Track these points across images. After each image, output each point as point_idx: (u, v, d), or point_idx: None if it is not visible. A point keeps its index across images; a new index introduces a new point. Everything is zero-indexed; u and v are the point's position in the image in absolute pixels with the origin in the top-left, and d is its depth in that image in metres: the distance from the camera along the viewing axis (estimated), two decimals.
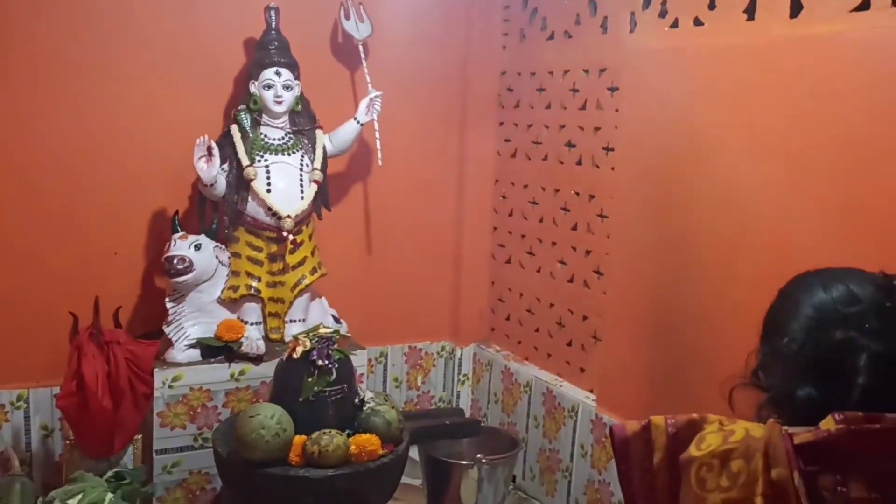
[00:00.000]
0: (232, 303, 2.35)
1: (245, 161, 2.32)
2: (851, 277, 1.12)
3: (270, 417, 1.83)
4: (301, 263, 2.41)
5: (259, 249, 2.36)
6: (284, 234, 2.33)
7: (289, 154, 2.38)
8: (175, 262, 2.19)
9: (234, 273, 2.35)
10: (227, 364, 2.25)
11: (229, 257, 2.36)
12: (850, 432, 0.93)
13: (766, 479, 0.95)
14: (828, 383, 1.01)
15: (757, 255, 1.79)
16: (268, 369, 2.19)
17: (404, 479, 2.07)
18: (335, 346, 1.96)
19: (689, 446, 1.05)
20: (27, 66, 2.27)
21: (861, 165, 1.57)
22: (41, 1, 2.26)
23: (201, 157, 2.24)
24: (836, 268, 1.17)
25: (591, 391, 2.42)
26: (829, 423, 0.95)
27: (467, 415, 2.94)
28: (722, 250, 1.89)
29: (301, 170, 2.39)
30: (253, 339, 2.28)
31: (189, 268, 2.21)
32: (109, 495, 1.99)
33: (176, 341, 2.23)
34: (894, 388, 0.98)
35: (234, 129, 2.35)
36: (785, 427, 0.98)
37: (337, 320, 2.53)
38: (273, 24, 2.40)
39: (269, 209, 2.32)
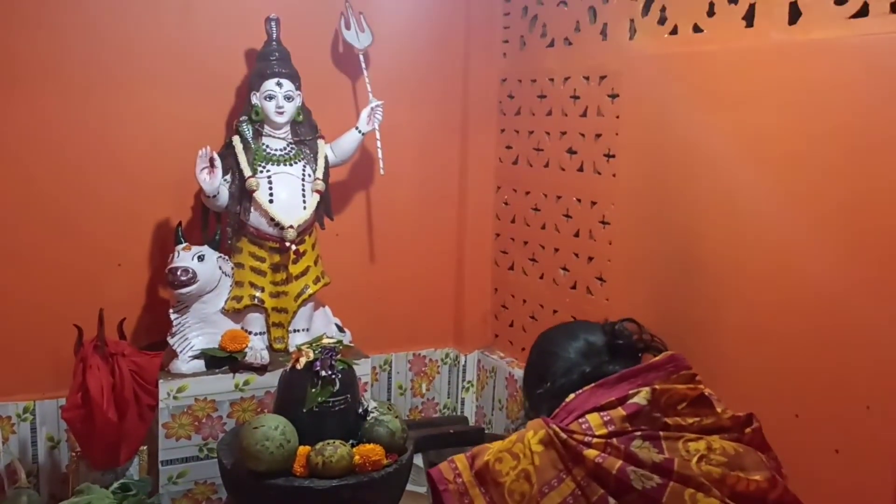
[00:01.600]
0: (236, 313, 2.36)
1: (247, 172, 2.33)
2: (584, 329, 1.59)
3: (274, 429, 1.84)
4: (304, 273, 2.41)
5: (262, 260, 2.37)
6: (287, 244, 2.33)
7: (291, 164, 2.39)
8: (178, 273, 2.20)
9: (238, 283, 2.36)
10: (231, 374, 2.25)
11: (232, 268, 2.37)
12: (577, 395, 1.36)
13: (535, 443, 1.27)
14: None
15: (759, 260, 1.79)
16: (272, 379, 2.19)
17: (409, 487, 2.07)
18: (338, 356, 1.97)
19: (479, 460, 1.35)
20: (29, 78, 2.28)
21: (861, 171, 1.57)
22: (44, 13, 2.27)
23: (203, 168, 2.25)
24: (568, 323, 1.75)
25: None
26: (569, 398, 1.38)
27: (472, 422, 2.94)
28: (724, 256, 1.89)
29: (303, 180, 2.40)
30: (257, 349, 2.29)
31: (192, 279, 2.21)
32: None
33: (180, 352, 2.24)
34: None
35: (236, 140, 2.36)
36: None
37: (341, 329, 2.54)
38: (274, 35, 2.41)
39: (272, 219, 2.33)
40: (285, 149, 2.40)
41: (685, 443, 1.23)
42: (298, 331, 2.44)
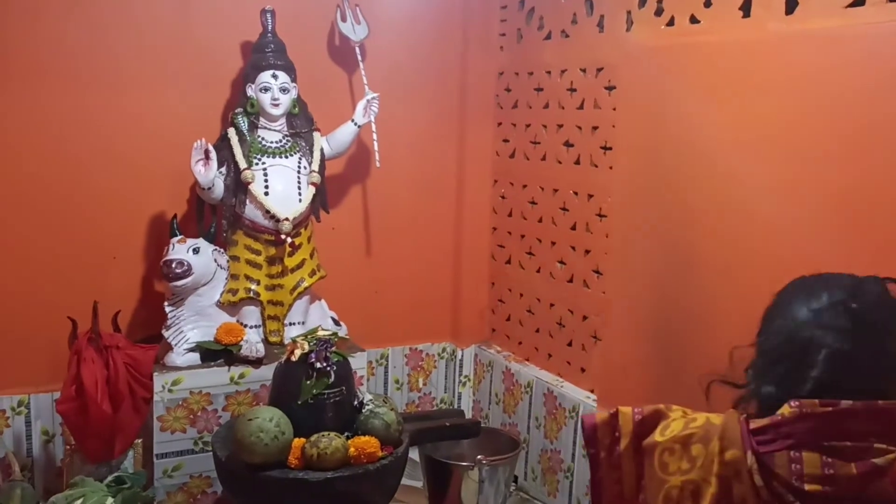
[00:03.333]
0: (231, 306, 2.35)
1: (242, 164, 2.32)
2: (833, 279, 1.14)
3: (269, 420, 1.83)
4: (300, 266, 2.40)
5: (258, 252, 2.36)
6: (283, 236, 2.33)
7: (286, 157, 2.38)
8: (174, 265, 2.19)
9: (233, 276, 2.35)
10: (226, 367, 2.25)
11: (228, 261, 2.36)
12: (802, 415, 0.98)
13: (720, 461, 1.00)
14: (788, 380, 1.04)
15: (756, 252, 1.78)
16: (267, 372, 2.18)
17: (405, 481, 2.07)
18: (333, 348, 1.96)
19: (653, 433, 1.11)
20: (24, 72, 2.27)
21: (858, 161, 1.57)
22: (41, 6, 2.26)
23: (199, 160, 2.24)
24: (832, 273, 1.18)
25: (592, 391, 2.42)
26: (784, 409, 1.00)
27: (468, 416, 2.94)
28: (721, 248, 1.88)
29: (299, 172, 2.39)
30: (252, 342, 2.29)
31: (188, 271, 2.21)
32: (110, 500, 1.99)
33: (175, 345, 2.23)
34: (848, 385, 1.01)
35: (232, 132, 2.35)
36: (744, 415, 1.04)
37: (337, 323, 2.53)
38: (269, 27, 2.40)
39: (268, 212, 2.32)
40: (281, 141, 2.39)
41: None
42: (294, 324, 2.43)
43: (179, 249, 2.23)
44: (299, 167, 2.39)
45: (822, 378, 1.02)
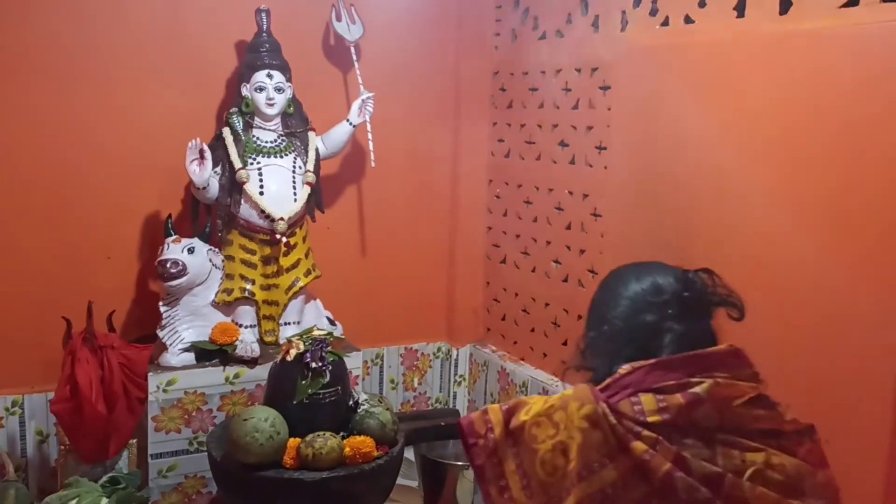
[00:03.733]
0: (226, 306, 2.34)
1: (237, 164, 2.31)
2: (657, 271, 1.41)
3: (264, 420, 1.83)
4: (295, 266, 2.40)
5: (253, 252, 2.36)
6: (278, 236, 2.32)
7: (281, 156, 2.38)
8: (168, 265, 2.19)
9: (228, 276, 2.35)
10: (221, 367, 2.24)
11: (223, 260, 2.36)
12: (634, 370, 1.24)
13: (579, 416, 1.20)
14: (638, 358, 1.27)
15: (749, 251, 1.79)
16: (263, 372, 2.18)
17: (400, 481, 2.07)
18: (328, 348, 1.96)
19: (518, 416, 1.30)
20: (16, 70, 2.26)
21: (850, 161, 1.57)
22: (33, 4, 2.25)
23: (193, 160, 2.24)
24: (643, 262, 1.48)
25: None
26: (620, 370, 1.26)
27: (463, 415, 2.93)
28: (715, 247, 1.89)
29: (294, 172, 2.39)
30: (247, 342, 2.28)
31: (182, 271, 2.20)
32: (105, 500, 1.98)
33: (170, 345, 2.23)
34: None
35: (227, 131, 2.35)
36: (591, 383, 1.28)
37: (332, 322, 2.53)
38: (264, 27, 2.40)
39: (263, 212, 2.32)
40: (276, 141, 2.39)
41: (742, 451, 1.15)
42: (289, 324, 2.43)
43: (174, 249, 2.23)
44: (294, 167, 2.39)
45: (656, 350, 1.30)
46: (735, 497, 1.10)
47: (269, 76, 2.34)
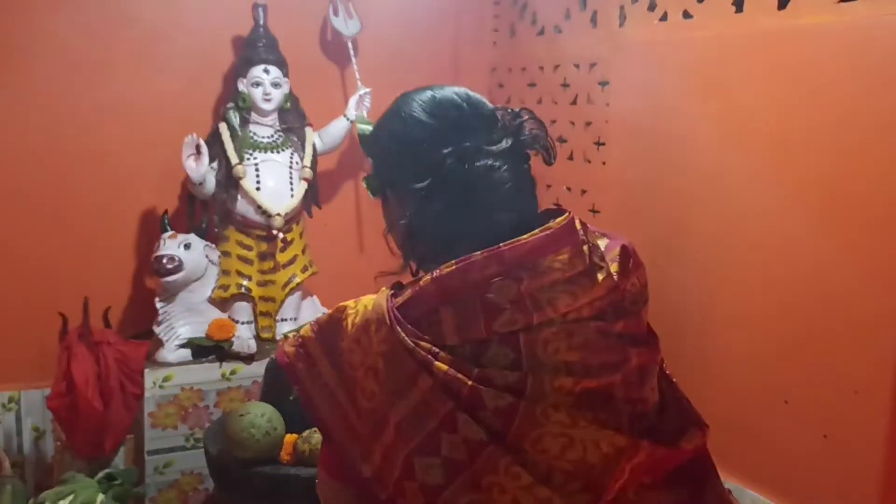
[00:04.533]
0: (222, 302, 2.34)
1: (234, 159, 2.31)
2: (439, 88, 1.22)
3: (261, 416, 1.83)
4: (292, 262, 2.40)
5: (249, 248, 2.35)
6: (274, 232, 2.32)
7: (278, 152, 2.37)
8: (164, 261, 2.18)
9: (225, 272, 2.34)
10: (218, 364, 2.24)
11: (219, 256, 2.35)
12: (434, 279, 1.04)
13: (378, 340, 1.05)
14: (440, 258, 1.08)
15: (747, 245, 1.79)
16: (259, 368, 2.18)
17: None
18: None
19: (337, 339, 1.12)
20: (11, 65, 2.26)
21: (848, 155, 1.57)
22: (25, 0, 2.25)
23: (190, 155, 2.23)
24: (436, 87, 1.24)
25: None
26: (426, 278, 1.06)
27: None
28: (714, 243, 1.88)
29: (290, 168, 2.38)
30: (244, 338, 2.28)
31: (179, 267, 2.20)
32: (101, 496, 1.98)
33: (166, 341, 2.22)
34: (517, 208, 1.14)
35: (223, 127, 2.34)
36: (393, 292, 1.10)
37: None
38: (261, 22, 2.39)
39: (259, 207, 2.31)
40: (272, 136, 2.38)
41: (545, 340, 1.02)
42: (286, 320, 2.42)
43: (170, 245, 2.22)
44: (291, 162, 2.38)
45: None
46: (537, 394, 0.99)
47: (266, 71, 2.34)
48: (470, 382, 1.00)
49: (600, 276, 1.06)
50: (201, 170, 2.24)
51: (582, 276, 1.04)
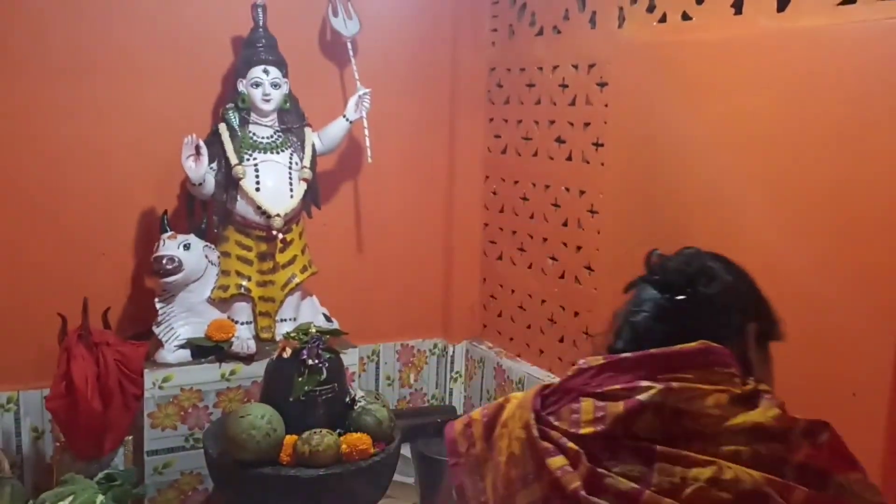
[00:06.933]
0: (222, 302, 2.34)
1: (234, 160, 2.31)
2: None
3: (261, 417, 1.83)
4: (291, 262, 2.40)
5: (249, 248, 2.35)
6: (274, 232, 2.32)
7: (277, 152, 2.37)
8: (164, 262, 2.18)
9: (224, 272, 2.34)
10: (217, 364, 2.24)
11: (219, 257, 2.35)
12: (580, 370, 1.10)
13: (520, 426, 1.09)
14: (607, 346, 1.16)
15: (746, 247, 1.78)
16: (259, 369, 2.18)
17: (397, 477, 2.07)
18: (325, 345, 1.96)
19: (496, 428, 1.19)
20: (11, 66, 2.25)
21: (847, 158, 1.57)
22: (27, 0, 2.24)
23: (189, 156, 2.23)
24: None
25: None
26: (572, 369, 1.11)
27: (460, 412, 2.94)
28: (712, 243, 1.88)
29: (290, 168, 2.38)
30: (243, 338, 2.28)
31: (178, 268, 2.20)
32: (100, 497, 1.98)
33: (166, 342, 2.22)
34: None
35: (223, 127, 2.34)
36: (546, 384, 1.14)
37: (328, 319, 2.52)
38: (260, 22, 2.39)
39: (259, 208, 2.31)
40: (272, 137, 2.38)
41: (686, 467, 0.98)
42: (285, 320, 2.42)
43: (170, 245, 2.22)
44: (290, 163, 2.38)
45: (619, 347, 1.14)
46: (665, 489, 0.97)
47: (266, 72, 2.34)
48: (576, 484, 0.99)
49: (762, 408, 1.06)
50: (201, 170, 2.24)
51: (736, 401, 1.04)
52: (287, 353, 1.94)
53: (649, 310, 1.16)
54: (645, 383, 1.04)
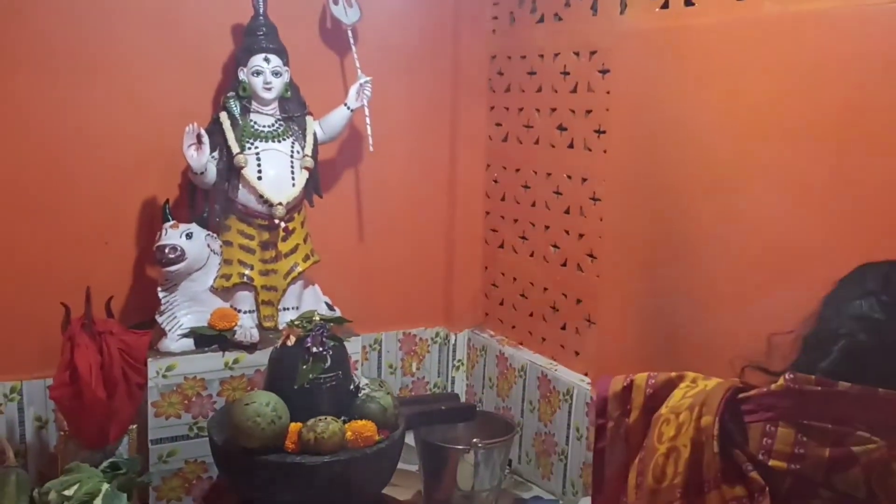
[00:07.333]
0: (225, 291, 2.34)
1: (235, 148, 2.30)
2: (877, 271, 1.07)
3: (266, 405, 1.83)
4: (293, 251, 2.40)
5: (251, 237, 2.35)
6: (276, 221, 2.32)
7: (279, 141, 2.37)
8: (167, 251, 2.18)
9: (227, 261, 2.34)
10: (220, 353, 2.24)
11: (221, 246, 2.35)
12: (789, 389, 0.94)
13: (696, 426, 0.98)
14: (811, 367, 0.98)
15: (749, 234, 1.79)
16: (262, 357, 2.18)
17: (401, 465, 2.07)
18: (329, 333, 1.96)
19: (662, 405, 1.07)
20: (10, 55, 2.24)
21: (851, 143, 1.57)
22: None
23: (191, 145, 2.23)
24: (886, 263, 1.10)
25: (586, 374, 2.43)
26: (779, 381, 0.97)
27: (462, 400, 2.95)
28: (714, 230, 1.89)
29: (292, 157, 2.38)
30: (246, 327, 2.28)
31: (181, 257, 2.19)
32: (105, 486, 1.98)
33: (169, 331, 2.22)
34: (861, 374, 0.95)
35: (224, 116, 2.34)
36: (742, 385, 1.01)
37: (330, 308, 2.53)
38: (261, 10, 2.38)
39: (261, 197, 2.31)
40: (273, 125, 2.38)
41: None
42: (288, 309, 2.42)
43: (172, 235, 2.22)
44: (292, 151, 2.38)
45: (832, 369, 0.97)
46: None
47: (267, 60, 2.33)
48: None
49: None
50: (202, 159, 2.24)
51: None
52: (291, 342, 1.94)
53: (872, 330, 0.97)
54: (864, 434, 0.89)
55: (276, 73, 2.34)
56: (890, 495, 0.87)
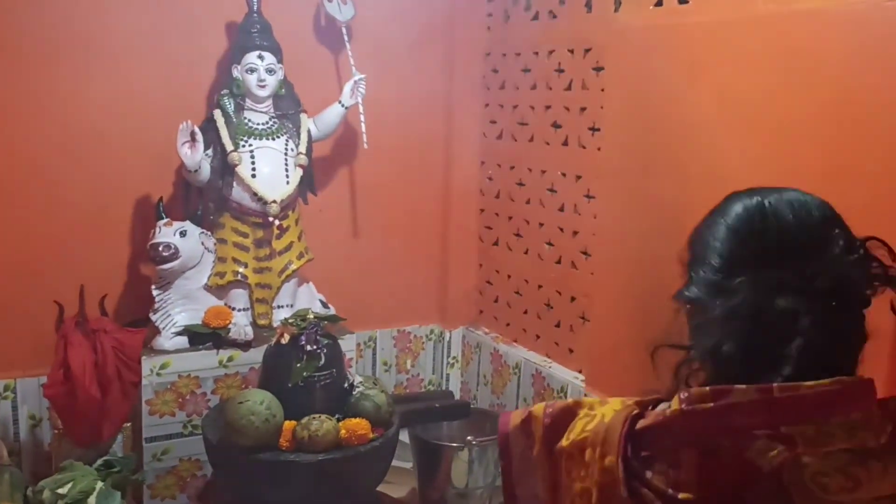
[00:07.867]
0: (219, 289, 2.34)
1: (229, 146, 2.30)
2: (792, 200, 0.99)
3: (260, 403, 1.83)
4: (288, 248, 2.40)
5: (245, 235, 2.35)
6: (270, 219, 2.31)
7: (273, 139, 2.36)
8: (160, 249, 2.18)
9: (221, 259, 2.34)
10: (215, 351, 2.24)
11: (215, 243, 2.34)
12: (684, 412, 0.87)
13: (600, 467, 0.91)
14: (754, 345, 0.90)
15: None
16: (256, 355, 2.18)
17: (395, 462, 2.08)
18: (323, 330, 1.96)
19: (562, 436, 1.01)
20: (2, 52, 2.23)
21: (846, 139, 1.58)
22: None
23: (185, 142, 2.22)
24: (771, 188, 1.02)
25: (580, 371, 2.43)
26: (673, 403, 0.89)
27: (457, 397, 2.95)
28: None
29: (286, 154, 2.37)
30: (241, 325, 2.28)
31: (175, 255, 2.19)
32: (100, 483, 1.98)
33: (163, 329, 2.22)
34: (823, 359, 0.89)
35: (218, 113, 2.33)
36: (638, 411, 0.94)
37: (325, 305, 2.53)
38: (255, 7, 2.37)
39: (255, 194, 2.31)
40: (267, 123, 2.38)
41: None
42: (282, 307, 2.42)
43: (166, 232, 2.21)
44: (286, 149, 2.38)
45: (794, 357, 0.89)
46: None
47: (261, 57, 2.32)
48: None
49: None
50: (196, 157, 2.23)
51: (870, 458, 0.81)
52: (285, 339, 1.94)
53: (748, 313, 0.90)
54: (765, 442, 0.82)
55: (270, 71, 2.33)
56: (807, 493, 0.81)
